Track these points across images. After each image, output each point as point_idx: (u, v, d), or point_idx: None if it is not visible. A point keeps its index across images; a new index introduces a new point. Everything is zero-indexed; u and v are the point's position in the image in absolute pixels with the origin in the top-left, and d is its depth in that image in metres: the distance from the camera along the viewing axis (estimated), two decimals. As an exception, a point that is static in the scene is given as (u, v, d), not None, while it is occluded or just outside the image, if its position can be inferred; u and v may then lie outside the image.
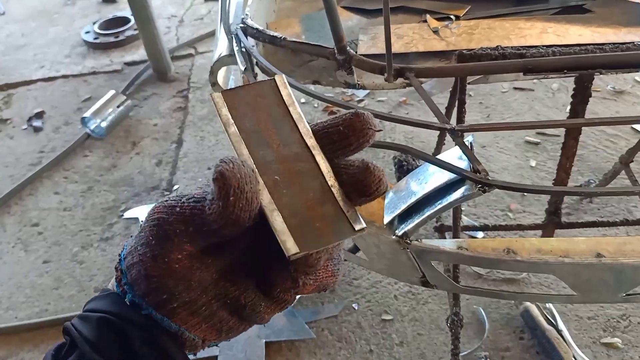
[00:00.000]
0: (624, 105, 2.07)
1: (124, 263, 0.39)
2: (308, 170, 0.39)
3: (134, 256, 0.38)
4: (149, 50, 2.55)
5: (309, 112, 2.25)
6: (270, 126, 0.41)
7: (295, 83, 1.00)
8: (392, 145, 0.93)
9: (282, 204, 0.37)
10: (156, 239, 0.37)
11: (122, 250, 0.41)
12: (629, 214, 1.62)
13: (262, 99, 0.41)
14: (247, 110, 0.40)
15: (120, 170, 2.12)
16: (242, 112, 0.40)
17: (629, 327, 1.36)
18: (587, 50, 0.95)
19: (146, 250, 0.37)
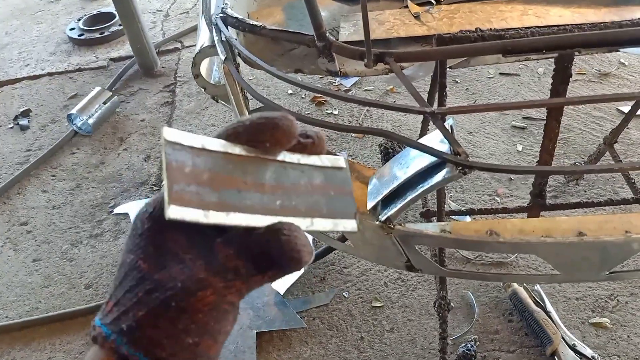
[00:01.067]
0: (610, 87, 2.08)
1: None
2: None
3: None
4: (135, 46, 2.53)
5: (296, 104, 2.25)
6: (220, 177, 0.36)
7: (280, 73, 1.00)
8: (373, 130, 0.93)
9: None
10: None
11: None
12: (615, 195, 1.64)
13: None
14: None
15: (109, 166, 2.11)
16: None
17: (617, 306, 1.37)
18: (566, 30, 0.95)
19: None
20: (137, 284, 0.35)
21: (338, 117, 2.12)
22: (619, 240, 0.84)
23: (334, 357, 1.37)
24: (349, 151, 1.95)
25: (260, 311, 1.47)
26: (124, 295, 0.35)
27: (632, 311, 1.36)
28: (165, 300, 0.34)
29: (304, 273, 1.54)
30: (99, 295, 1.62)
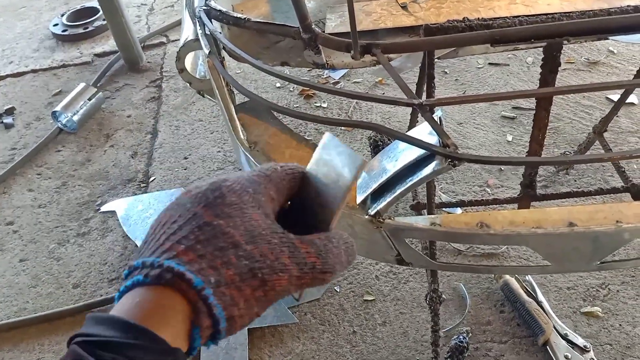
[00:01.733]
0: (599, 75, 2.08)
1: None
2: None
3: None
4: (119, 41, 2.49)
5: (284, 97, 2.23)
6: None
7: (265, 66, 0.98)
8: (362, 124, 0.92)
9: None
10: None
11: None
12: (605, 183, 1.64)
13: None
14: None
15: (95, 164, 2.08)
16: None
17: (609, 295, 1.38)
18: (554, 19, 0.94)
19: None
20: (227, 247, 0.40)
21: (327, 110, 2.11)
22: (610, 230, 0.84)
23: (327, 352, 1.36)
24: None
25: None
26: (212, 253, 0.40)
27: (624, 300, 1.36)
28: (254, 270, 0.40)
29: (295, 268, 1.53)
30: (87, 295, 1.59)
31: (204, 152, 2.04)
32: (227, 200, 0.43)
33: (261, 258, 0.41)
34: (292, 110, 0.92)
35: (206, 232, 0.41)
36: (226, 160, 1.98)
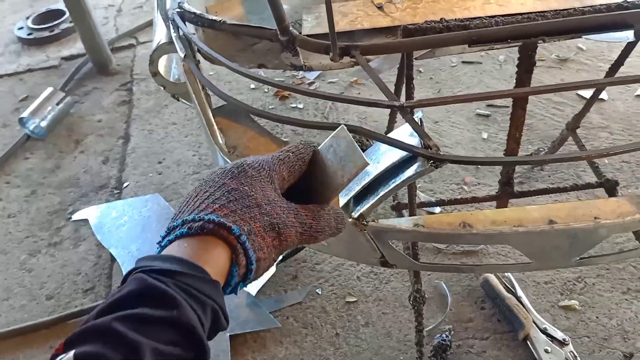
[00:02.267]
0: (569, 72, 2.12)
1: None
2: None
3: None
4: (87, 43, 2.43)
5: (259, 98, 2.21)
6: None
7: (241, 68, 0.97)
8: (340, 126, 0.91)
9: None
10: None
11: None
12: (578, 178, 1.67)
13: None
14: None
15: (65, 170, 2.02)
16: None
17: (585, 288, 1.40)
18: (529, 19, 0.95)
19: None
20: (252, 206, 0.52)
21: (303, 111, 2.10)
22: (589, 227, 0.85)
23: (310, 356, 1.35)
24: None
25: (233, 313, 1.44)
26: (241, 211, 0.51)
27: (600, 292, 1.39)
28: (272, 224, 0.53)
29: (276, 272, 1.51)
30: (61, 306, 1.55)
31: (178, 156, 2.00)
32: (248, 173, 0.55)
33: (277, 216, 0.53)
34: (273, 114, 0.91)
35: (235, 195, 0.52)
36: (202, 164, 1.95)
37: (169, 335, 0.43)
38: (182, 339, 0.43)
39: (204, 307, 0.46)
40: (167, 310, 0.43)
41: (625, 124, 1.88)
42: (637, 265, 1.44)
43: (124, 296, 0.44)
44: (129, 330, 0.41)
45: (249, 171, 0.55)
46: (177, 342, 0.43)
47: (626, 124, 1.88)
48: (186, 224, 0.49)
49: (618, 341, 1.28)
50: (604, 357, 1.26)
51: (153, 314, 0.42)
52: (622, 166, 1.71)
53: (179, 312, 0.43)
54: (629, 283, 1.40)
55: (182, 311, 0.43)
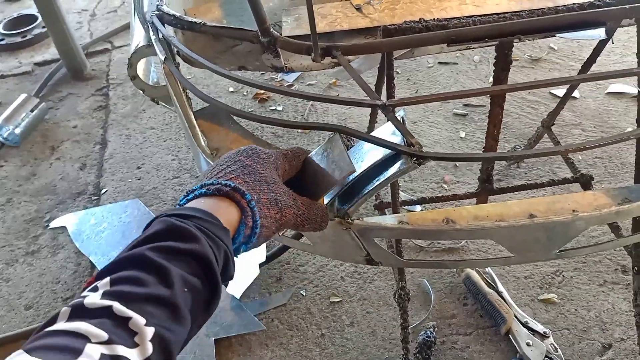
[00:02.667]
0: (541, 72, 2.17)
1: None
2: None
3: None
4: (61, 48, 2.39)
5: (238, 101, 2.20)
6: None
7: (222, 70, 0.96)
8: (326, 126, 0.91)
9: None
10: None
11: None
12: (553, 175, 1.71)
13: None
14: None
15: (41, 178, 1.98)
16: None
17: (563, 282, 1.44)
18: (505, 18, 0.97)
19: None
20: (262, 181, 0.61)
21: (282, 113, 2.10)
22: (567, 220, 0.87)
23: (296, 357, 1.35)
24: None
25: (217, 317, 1.43)
26: (253, 183, 0.60)
27: (577, 285, 1.42)
28: (277, 200, 0.62)
29: (260, 274, 1.51)
30: (40, 316, 1.52)
31: (157, 160, 1.98)
32: (261, 156, 0.65)
33: (280, 195, 0.62)
34: (256, 115, 0.91)
35: (248, 169, 0.61)
36: (181, 168, 1.94)
37: (192, 267, 0.49)
38: (201, 271, 0.49)
39: (218, 248, 0.52)
40: (190, 243, 0.49)
41: (596, 120, 1.93)
42: (612, 258, 1.48)
43: (152, 234, 0.50)
44: (160, 258, 0.46)
45: (261, 154, 0.65)
46: (198, 274, 0.49)
47: (597, 120, 1.93)
48: (205, 187, 0.58)
49: (597, 332, 1.32)
50: (583, 349, 1.29)
51: (179, 246, 0.48)
52: (596, 162, 1.76)
53: (200, 246, 0.49)
54: (606, 275, 1.44)
55: (203, 246, 0.50)
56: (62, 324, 0.41)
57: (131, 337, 0.41)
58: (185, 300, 0.47)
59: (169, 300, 0.45)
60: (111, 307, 0.42)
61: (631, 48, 2.21)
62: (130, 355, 0.40)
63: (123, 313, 0.42)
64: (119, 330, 0.41)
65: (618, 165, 1.74)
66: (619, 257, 1.47)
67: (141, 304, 0.43)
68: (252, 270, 1.52)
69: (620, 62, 2.16)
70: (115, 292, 0.43)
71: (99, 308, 0.42)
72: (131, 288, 0.44)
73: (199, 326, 0.51)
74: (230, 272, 0.55)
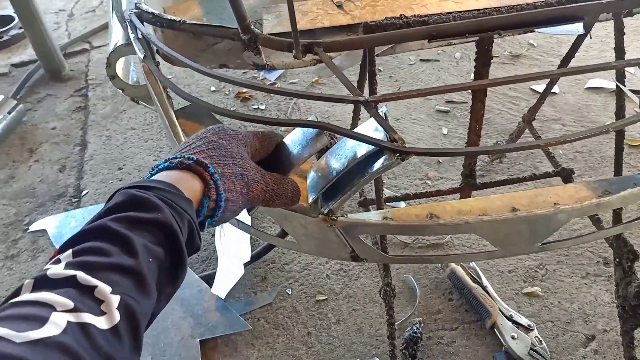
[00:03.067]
0: (522, 68, 2.19)
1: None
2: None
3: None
4: (38, 49, 2.35)
5: (220, 100, 2.18)
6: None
7: (203, 69, 0.95)
8: (309, 123, 0.91)
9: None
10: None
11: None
12: (535, 169, 1.73)
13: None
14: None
15: (19, 180, 1.95)
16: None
17: (546, 275, 1.45)
18: (485, 14, 0.98)
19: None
20: (227, 156, 0.61)
21: (265, 112, 2.09)
22: (549, 213, 0.88)
23: (283, 356, 1.34)
24: (279, 146, 1.92)
25: (202, 318, 1.41)
26: (217, 157, 0.60)
27: (560, 278, 1.44)
28: (243, 174, 0.62)
29: (245, 274, 1.50)
30: (21, 321, 1.49)
31: (139, 161, 1.96)
32: (227, 132, 0.65)
33: (247, 170, 0.63)
34: (238, 113, 0.90)
35: (214, 145, 0.61)
36: (164, 169, 1.92)
37: (155, 237, 0.48)
38: (165, 241, 0.49)
39: (181, 217, 0.51)
40: (152, 213, 0.49)
41: (576, 115, 1.95)
42: (594, 250, 1.50)
43: (113, 205, 0.49)
44: (122, 228, 0.46)
45: (228, 131, 0.66)
46: (162, 243, 0.49)
47: (577, 115, 1.95)
48: (168, 161, 0.58)
49: (580, 324, 1.33)
50: (567, 340, 1.30)
51: (141, 216, 0.48)
52: (576, 156, 1.78)
53: (163, 216, 0.49)
54: (588, 268, 1.46)
55: (165, 216, 0.49)
56: (26, 295, 0.40)
57: (97, 305, 0.41)
58: (150, 270, 0.46)
59: (134, 269, 0.44)
60: (75, 277, 0.41)
61: (609, 44, 2.24)
62: (98, 323, 0.39)
63: (88, 282, 0.41)
64: (85, 298, 0.40)
65: (598, 159, 1.76)
66: (601, 250, 1.49)
67: (106, 272, 0.43)
68: (237, 270, 1.51)
69: (598, 57, 2.20)
70: (79, 262, 0.43)
71: (63, 278, 0.41)
72: (95, 258, 0.43)
73: (167, 299, 0.51)
74: (195, 242, 0.54)
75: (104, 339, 0.39)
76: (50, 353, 0.36)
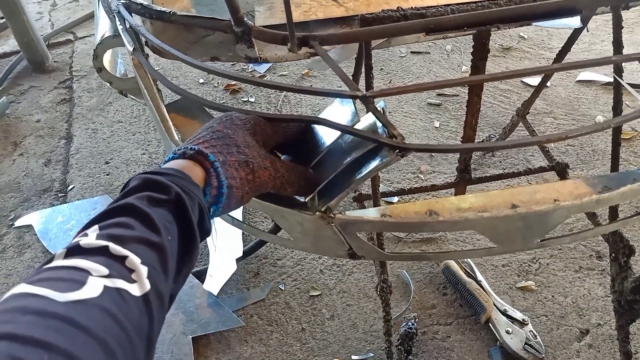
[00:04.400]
0: (512, 60, 2.18)
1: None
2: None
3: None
4: (20, 40, 2.29)
5: (209, 93, 2.15)
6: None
7: (193, 61, 0.93)
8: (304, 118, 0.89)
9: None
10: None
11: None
12: (527, 163, 1.72)
13: None
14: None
15: (3, 175, 1.90)
16: None
17: (540, 269, 1.45)
18: (483, 7, 0.96)
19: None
20: (231, 145, 0.61)
21: (255, 104, 2.06)
22: (549, 209, 0.87)
23: (276, 353, 1.33)
24: (270, 139, 1.89)
25: (194, 315, 1.39)
26: (220, 146, 0.60)
27: (554, 272, 1.44)
28: (247, 161, 0.62)
29: (237, 269, 1.48)
30: (7, 320, 1.45)
31: (127, 155, 1.92)
32: (234, 122, 0.65)
33: (252, 157, 0.62)
34: (231, 107, 0.87)
35: (218, 135, 0.62)
36: (152, 163, 1.88)
37: (172, 216, 0.50)
38: (180, 220, 0.51)
39: (192, 200, 0.53)
40: (166, 194, 0.51)
41: (567, 108, 1.95)
42: (587, 244, 1.50)
43: (131, 189, 0.51)
44: (144, 206, 0.48)
45: (235, 120, 0.66)
46: (177, 222, 0.51)
47: (568, 108, 1.95)
48: (174, 153, 0.59)
49: (574, 318, 1.34)
50: (561, 335, 1.31)
51: (158, 196, 0.50)
52: (568, 149, 1.78)
53: (176, 197, 0.51)
54: (581, 261, 1.46)
55: (179, 197, 0.51)
56: (60, 261, 0.42)
57: (129, 273, 0.43)
58: (171, 247, 0.48)
59: (159, 244, 0.46)
60: (107, 247, 0.43)
61: (599, 36, 2.24)
62: (132, 290, 0.41)
63: (119, 252, 0.43)
64: (118, 266, 0.42)
65: (590, 153, 1.76)
66: (593, 244, 1.49)
67: (134, 244, 0.45)
68: (229, 265, 1.49)
69: (588, 50, 2.20)
70: (108, 234, 0.45)
71: (95, 248, 0.43)
72: (122, 231, 0.45)
73: (184, 279, 0.52)
74: (206, 225, 0.56)
75: (136, 306, 0.41)
76: (92, 313, 0.37)
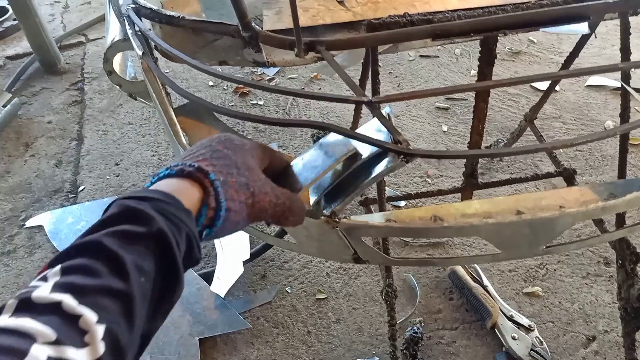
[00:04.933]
0: (522, 65, 2.17)
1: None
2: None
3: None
4: (33, 41, 2.32)
5: (218, 96, 2.16)
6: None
7: (201, 65, 0.94)
8: (312, 123, 0.89)
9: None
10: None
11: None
12: (535, 168, 1.72)
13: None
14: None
15: (15, 175, 1.92)
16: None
17: (547, 275, 1.45)
18: (490, 12, 0.96)
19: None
20: (232, 166, 0.58)
21: (264, 108, 2.07)
22: (555, 216, 0.87)
23: (282, 355, 1.33)
24: (279, 142, 1.90)
25: (201, 316, 1.40)
26: (220, 166, 0.57)
27: (561, 278, 1.43)
28: (248, 184, 0.59)
29: (244, 272, 1.49)
30: (17, 319, 1.47)
31: (137, 157, 1.94)
32: (234, 142, 0.62)
33: (253, 181, 0.59)
34: (239, 112, 0.88)
35: (218, 154, 0.59)
36: (162, 164, 1.90)
37: (148, 252, 0.46)
38: (159, 257, 0.46)
39: (179, 230, 0.49)
40: (146, 226, 0.46)
41: (576, 113, 1.94)
42: (595, 250, 1.49)
43: (107, 218, 0.47)
44: (114, 245, 0.44)
45: (235, 141, 0.63)
46: (155, 260, 0.46)
47: (577, 113, 1.94)
48: (169, 169, 0.55)
49: (581, 325, 1.33)
50: (568, 341, 1.30)
51: (134, 230, 0.46)
52: (576, 155, 1.77)
53: (157, 229, 0.46)
54: (588, 268, 1.45)
55: (160, 229, 0.47)
56: (6, 318, 0.38)
57: (81, 336, 0.39)
58: (142, 291, 0.44)
59: (124, 292, 0.42)
60: (60, 304, 0.39)
61: (609, 41, 2.23)
62: (80, 357, 0.38)
63: (72, 311, 0.39)
64: (68, 329, 0.38)
65: (598, 158, 1.75)
66: (601, 250, 1.48)
67: (94, 296, 0.41)
68: (236, 267, 1.50)
69: (598, 54, 2.18)
70: (67, 283, 0.41)
71: (47, 304, 0.39)
72: (83, 279, 0.41)
73: (164, 315, 0.49)
74: (194, 256, 0.52)
75: None
76: None
